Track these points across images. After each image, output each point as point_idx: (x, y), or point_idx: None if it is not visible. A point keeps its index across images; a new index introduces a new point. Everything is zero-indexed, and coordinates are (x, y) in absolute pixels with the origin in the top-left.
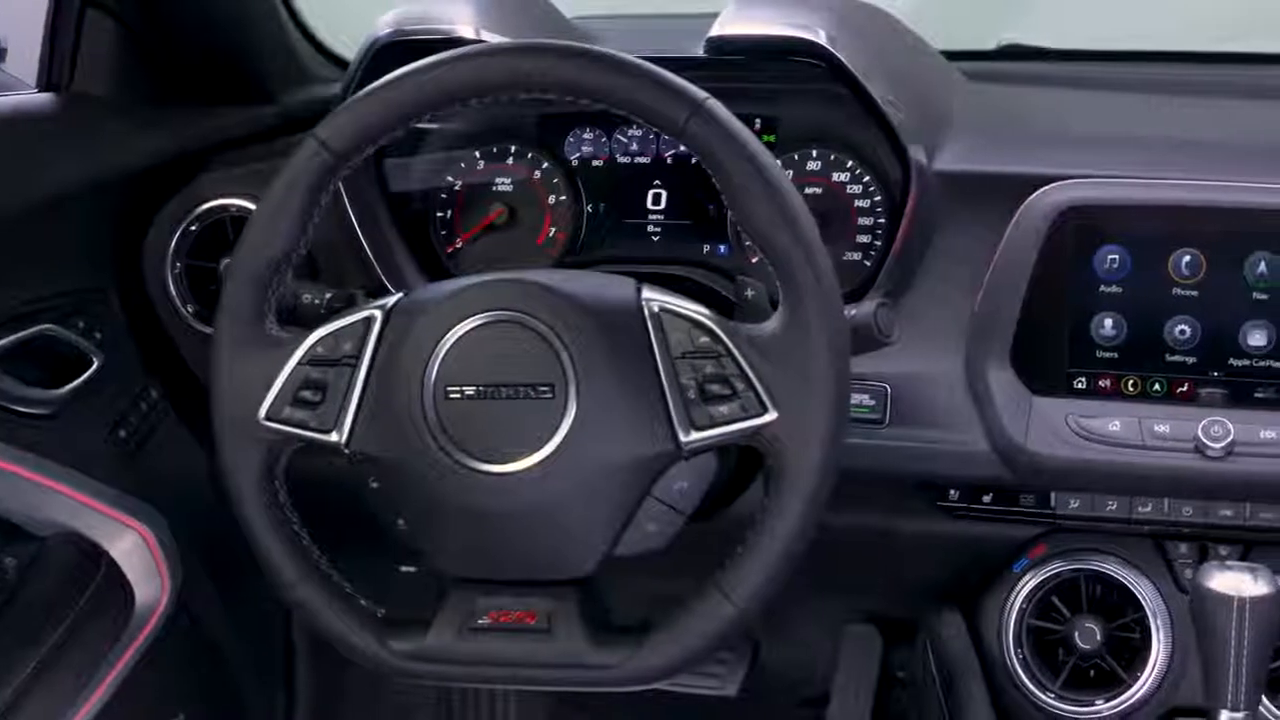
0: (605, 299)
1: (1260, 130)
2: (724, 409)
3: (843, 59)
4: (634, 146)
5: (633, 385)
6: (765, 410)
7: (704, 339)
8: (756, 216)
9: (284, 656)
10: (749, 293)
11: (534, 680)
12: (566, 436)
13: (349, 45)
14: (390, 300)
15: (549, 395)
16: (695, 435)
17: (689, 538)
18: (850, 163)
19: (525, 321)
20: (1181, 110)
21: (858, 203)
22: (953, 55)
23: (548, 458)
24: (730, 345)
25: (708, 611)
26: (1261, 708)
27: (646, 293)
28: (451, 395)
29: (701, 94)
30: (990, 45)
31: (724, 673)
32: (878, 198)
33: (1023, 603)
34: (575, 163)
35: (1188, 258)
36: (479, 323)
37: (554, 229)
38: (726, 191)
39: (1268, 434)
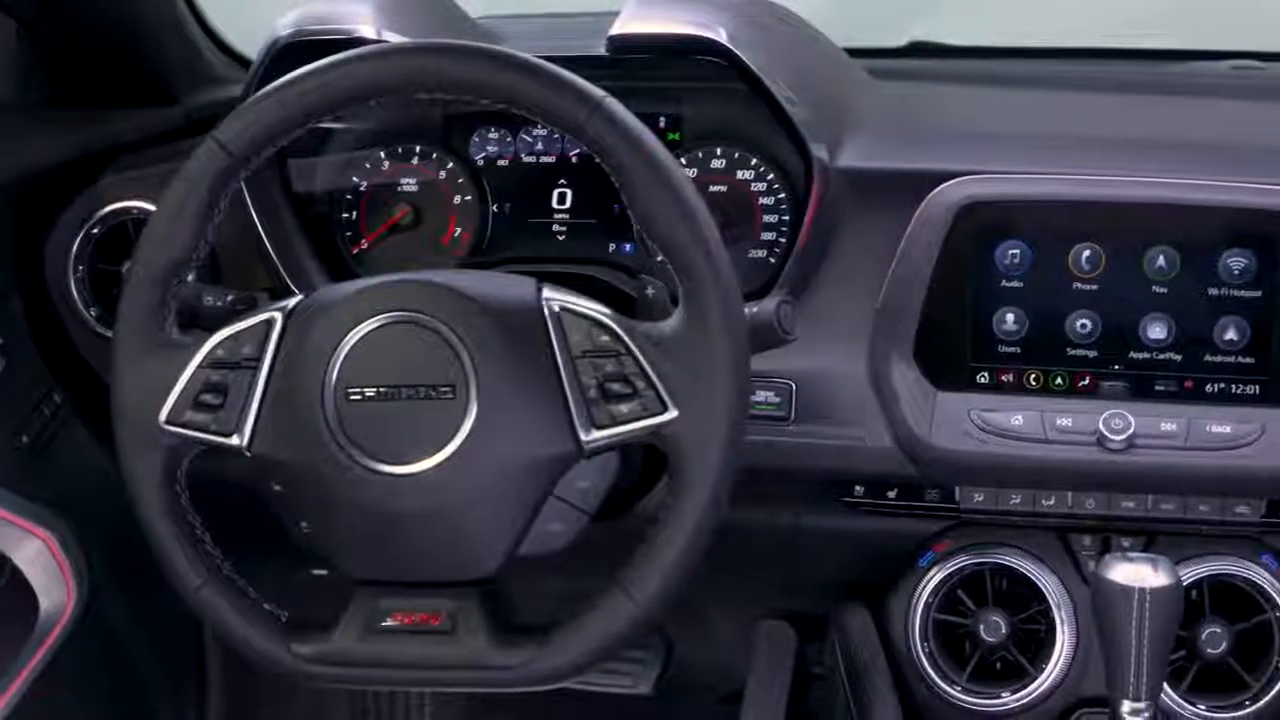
0: (505, 299)
1: (1160, 125)
2: (624, 408)
3: (743, 57)
4: (539, 146)
5: (533, 385)
6: (665, 409)
7: (604, 338)
8: (654, 215)
9: (195, 660)
10: (650, 291)
11: (438, 682)
12: (468, 437)
13: (255, 45)
14: (291, 302)
15: (450, 396)
16: (596, 434)
17: (596, 537)
18: (754, 160)
19: (425, 322)
20: (1084, 106)
21: (762, 200)
22: (859, 52)
23: (449, 458)
24: (630, 344)
25: (610, 611)
26: (1163, 697)
27: (547, 292)
28: (352, 397)
29: (599, 93)
30: (900, 43)
31: (639, 671)
32: (782, 195)
33: (929, 597)
34: (480, 162)
35: (1088, 252)
36: (379, 324)
37: (459, 229)
38: (625, 190)
39: (1168, 426)
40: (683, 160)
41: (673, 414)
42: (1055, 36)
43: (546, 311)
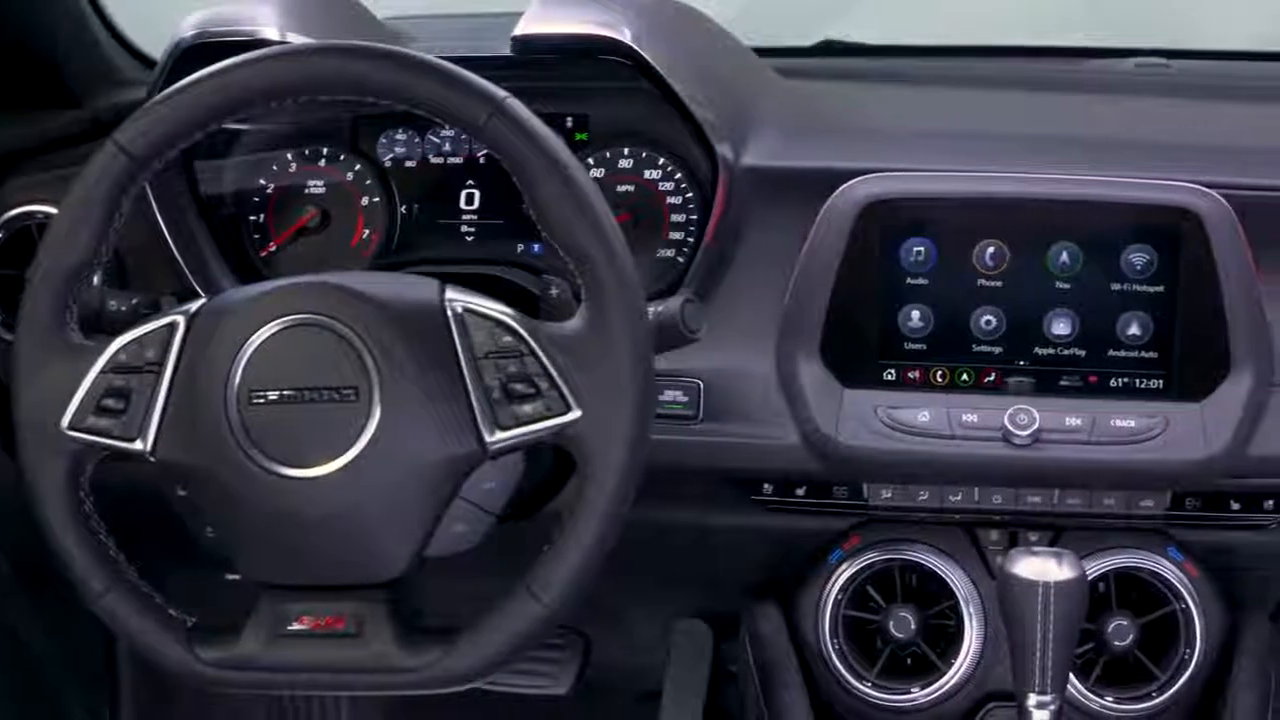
0: (407, 300)
1: (1064, 122)
2: (528, 408)
3: (647, 57)
4: (446, 147)
5: (437, 386)
6: (569, 409)
7: (507, 339)
8: (556, 215)
9: (106, 665)
10: (553, 291)
11: (345, 685)
12: (372, 439)
13: (162, 47)
14: (194, 305)
15: (353, 398)
16: (500, 435)
17: (505, 537)
18: (662, 160)
19: (327, 325)
20: (989, 103)
21: (670, 200)
22: (769, 51)
23: (353, 461)
24: (533, 344)
25: (516, 611)
26: (1070, 689)
27: (450, 293)
28: (255, 400)
29: (500, 93)
30: (811, 42)
31: (556, 671)
32: (690, 194)
33: (838, 594)
34: (388, 164)
35: (992, 249)
36: (281, 326)
37: (367, 231)
38: (527, 191)
39: (1073, 421)
40: (590, 160)
41: (576, 414)
42: (964, 35)
43: (449, 312)
